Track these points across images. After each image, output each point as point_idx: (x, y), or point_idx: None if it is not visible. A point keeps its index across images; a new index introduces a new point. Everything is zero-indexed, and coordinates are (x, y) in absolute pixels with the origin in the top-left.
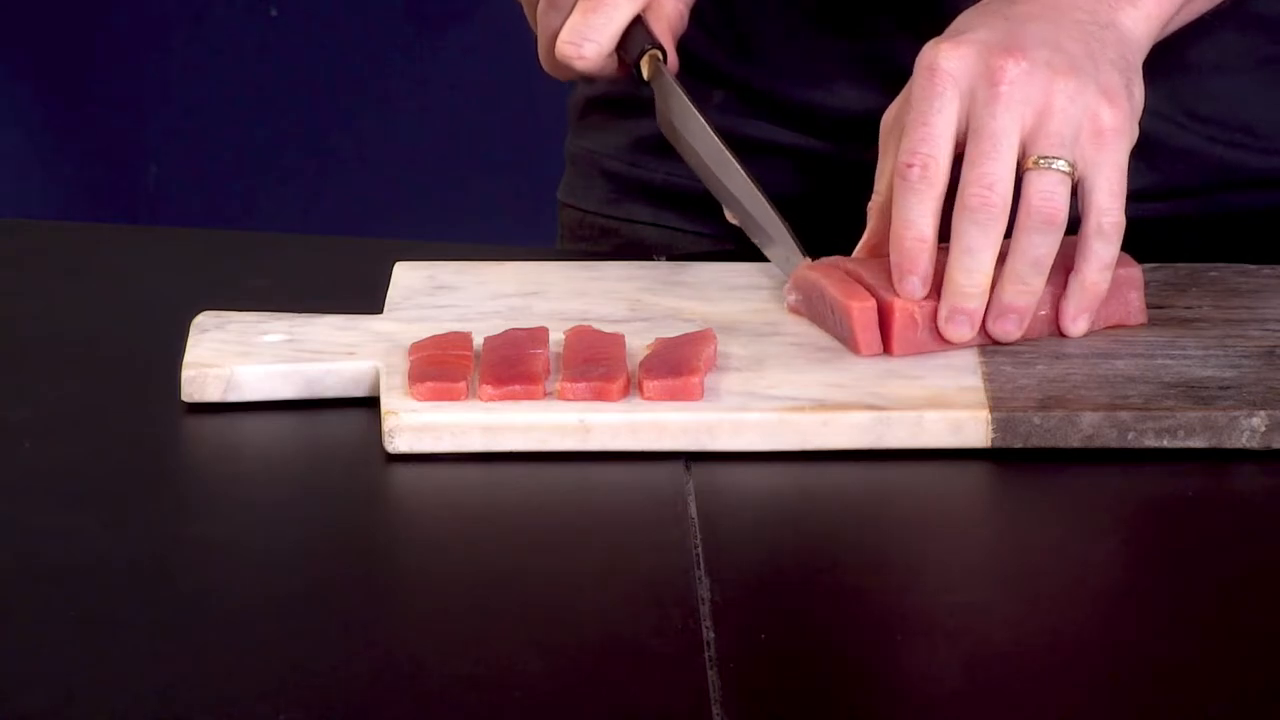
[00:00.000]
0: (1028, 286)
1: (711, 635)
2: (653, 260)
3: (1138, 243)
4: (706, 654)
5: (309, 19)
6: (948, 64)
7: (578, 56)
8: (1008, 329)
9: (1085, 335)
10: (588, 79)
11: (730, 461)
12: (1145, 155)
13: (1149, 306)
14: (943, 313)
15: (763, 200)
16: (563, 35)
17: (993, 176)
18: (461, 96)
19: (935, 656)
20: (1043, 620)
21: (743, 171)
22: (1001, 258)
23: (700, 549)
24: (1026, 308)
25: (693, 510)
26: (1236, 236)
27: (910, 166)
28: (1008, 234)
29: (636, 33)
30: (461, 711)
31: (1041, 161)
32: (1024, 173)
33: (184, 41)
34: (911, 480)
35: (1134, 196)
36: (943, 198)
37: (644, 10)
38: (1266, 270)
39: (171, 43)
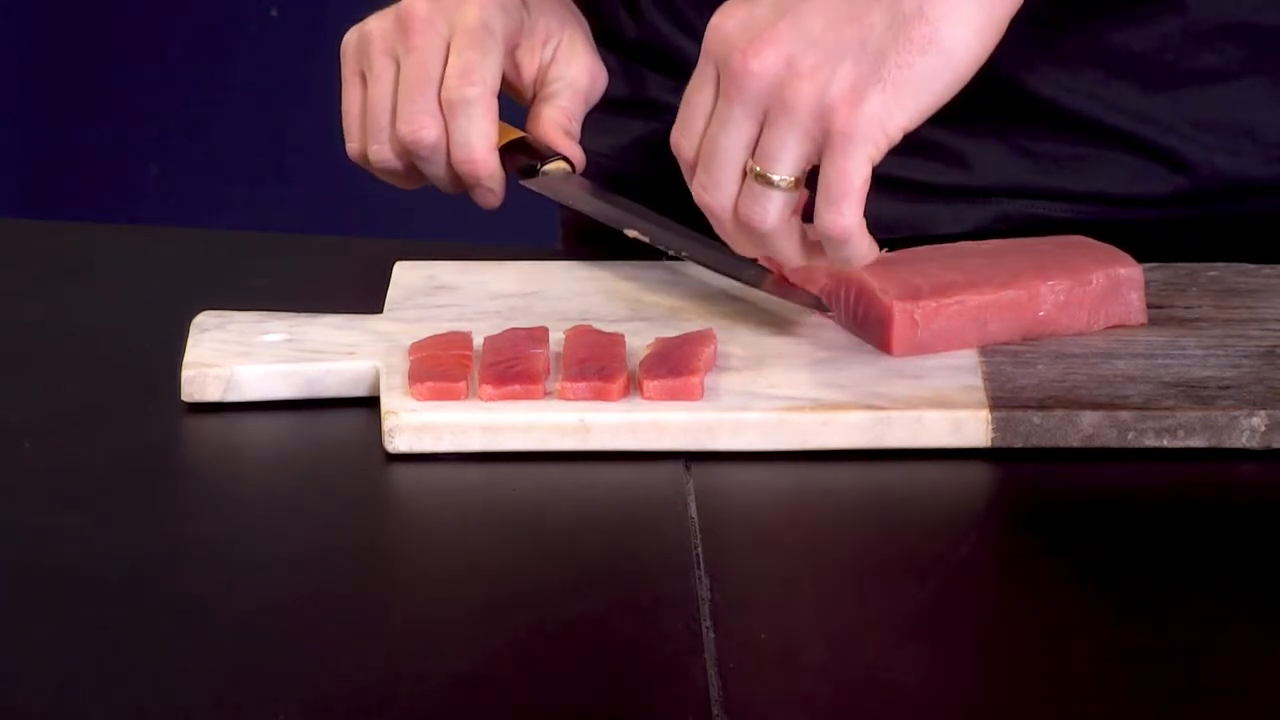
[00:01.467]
0: (787, 260)
1: (711, 635)
2: (653, 260)
3: (1138, 243)
4: (706, 654)
5: (309, 19)
6: (711, 35)
7: (466, 159)
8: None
9: (1085, 335)
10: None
11: (730, 461)
12: (1148, 164)
13: (1149, 306)
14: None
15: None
16: (449, 74)
17: (710, 182)
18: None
19: (935, 656)
20: (1042, 620)
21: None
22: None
23: (700, 549)
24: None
25: (693, 510)
26: (1236, 237)
27: (677, 145)
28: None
29: (524, 144)
30: (461, 711)
31: (757, 173)
32: (745, 173)
33: (184, 41)
34: (911, 480)
35: (1135, 202)
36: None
37: (531, 120)
38: (1266, 270)
39: (171, 42)
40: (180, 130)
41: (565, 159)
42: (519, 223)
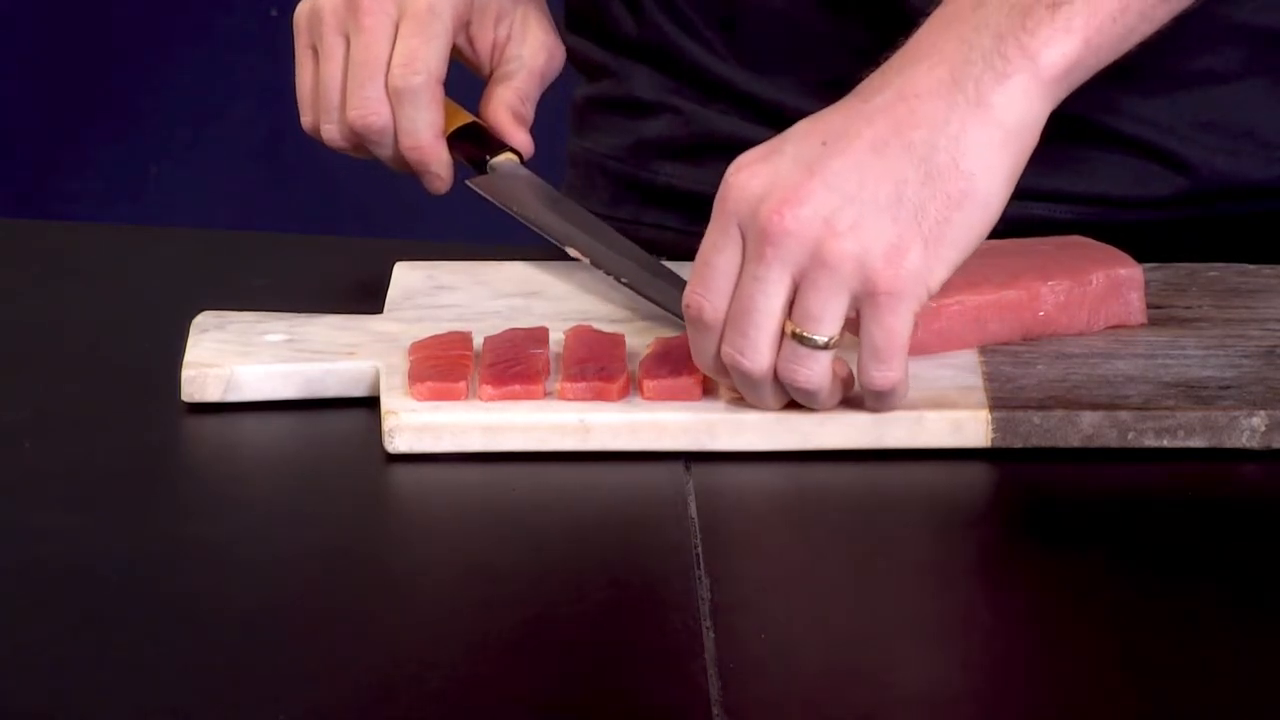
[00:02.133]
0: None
1: (711, 635)
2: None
3: (1138, 243)
4: (706, 654)
5: None
6: (731, 195)
7: (413, 146)
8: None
9: (1085, 335)
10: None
11: (730, 461)
12: (1149, 165)
13: (1149, 306)
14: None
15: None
16: (395, 61)
17: (746, 345)
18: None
19: (935, 656)
20: (1042, 621)
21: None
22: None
23: (700, 549)
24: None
25: (693, 510)
26: (1236, 237)
27: (693, 308)
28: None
29: (475, 131)
30: (461, 711)
31: (797, 335)
32: (784, 334)
33: (184, 41)
34: (911, 480)
35: (1136, 204)
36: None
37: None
38: (1266, 270)
39: (172, 42)
40: (180, 130)
41: (515, 151)
42: (519, 222)
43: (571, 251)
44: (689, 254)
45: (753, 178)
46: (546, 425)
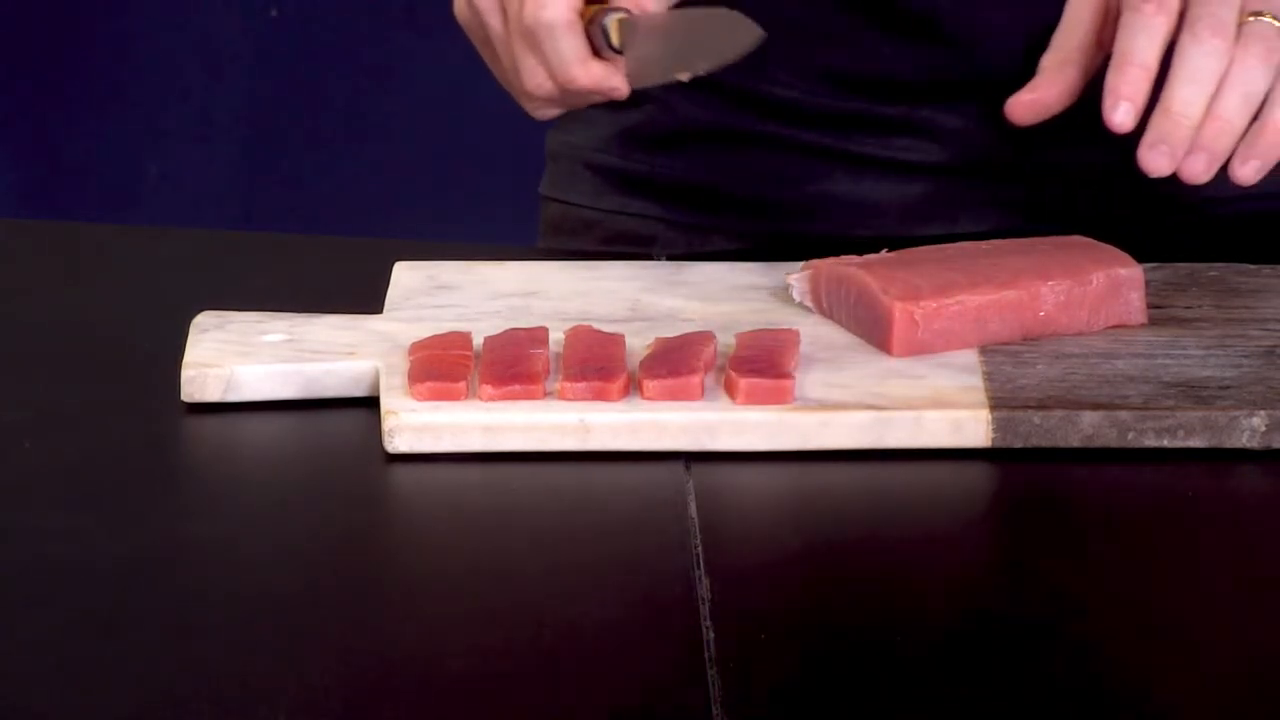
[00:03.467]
0: (1231, 124)
1: (711, 635)
2: (653, 260)
3: (1138, 243)
4: (706, 654)
5: (309, 19)
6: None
7: (537, 15)
8: (1198, 169)
9: (1085, 335)
10: (566, 103)
11: (730, 461)
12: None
13: (1149, 306)
14: (1148, 139)
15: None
16: (526, 10)
17: (1224, 20)
18: (462, 96)
19: (935, 656)
20: (1042, 621)
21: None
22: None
23: (700, 549)
24: (1224, 150)
25: (693, 510)
26: (1236, 237)
27: (1147, 1)
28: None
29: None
30: (461, 711)
31: (1256, 18)
32: (1243, 24)
33: (184, 41)
34: (911, 480)
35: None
36: (1170, 35)
37: None
38: (1266, 270)
39: (172, 42)
40: (180, 130)
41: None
42: (519, 223)
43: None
44: (673, 244)
45: None
46: (546, 425)
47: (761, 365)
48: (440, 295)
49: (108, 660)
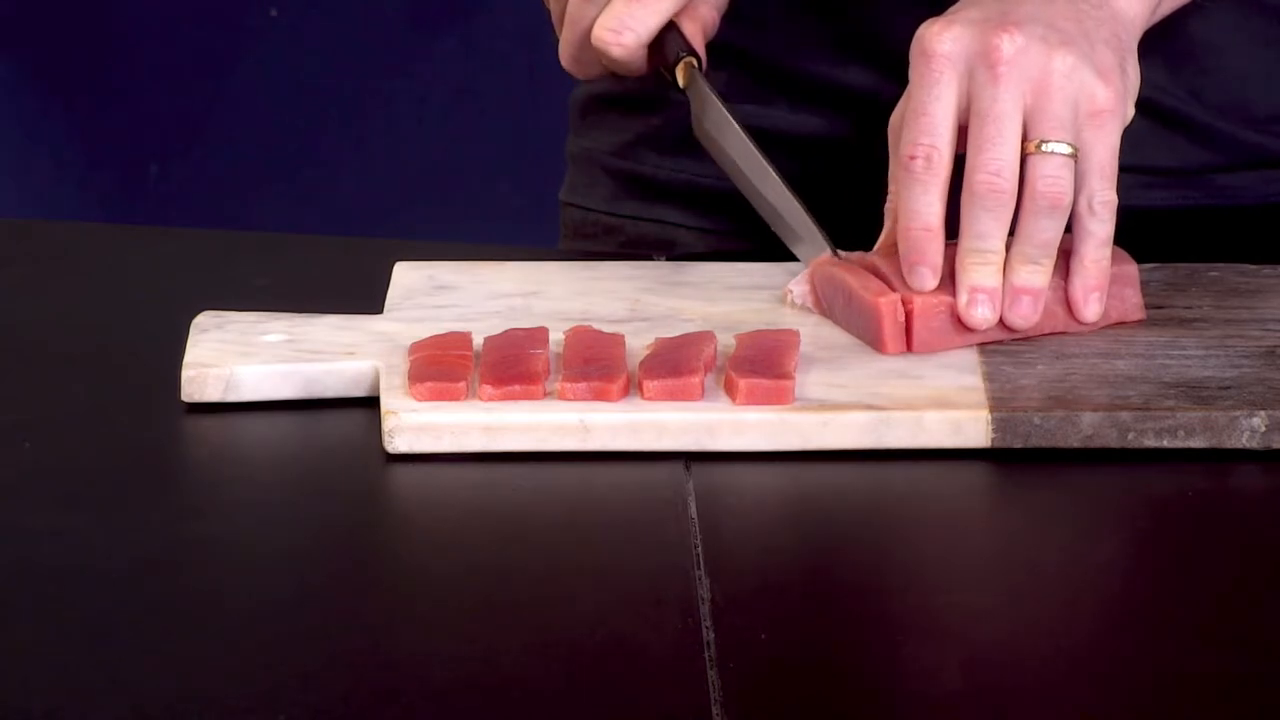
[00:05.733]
0: (1039, 267)
1: (711, 635)
2: (653, 260)
3: (1137, 239)
4: (706, 654)
5: (309, 19)
6: (942, 46)
7: (616, 43)
8: (1023, 312)
9: (1086, 335)
10: (613, 75)
11: (730, 461)
12: (1150, 131)
13: (1149, 306)
14: (961, 298)
15: (793, 199)
16: (602, 21)
17: (999, 162)
18: (462, 96)
19: (935, 657)
20: (1042, 621)
21: (774, 172)
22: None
23: (700, 549)
24: (1040, 289)
25: (693, 510)
26: (1236, 237)
27: (913, 158)
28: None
29: (670, 37)
30: (461, 712)
31: (1044, 146)
32: (1027, 156)
33: (184, 41)
34: (911, 480)
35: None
36: (947, 186)
37: (679, 13)
38: (1266, 270)
39: (172, 43)
40: (180, 130)
41: (695, 55)
42: (519, 223)
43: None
44: (689, 248)
45: (951, 26)
46: (546, 425)
47: (761, 365)
48: (440, 295)
49: (107, 661)
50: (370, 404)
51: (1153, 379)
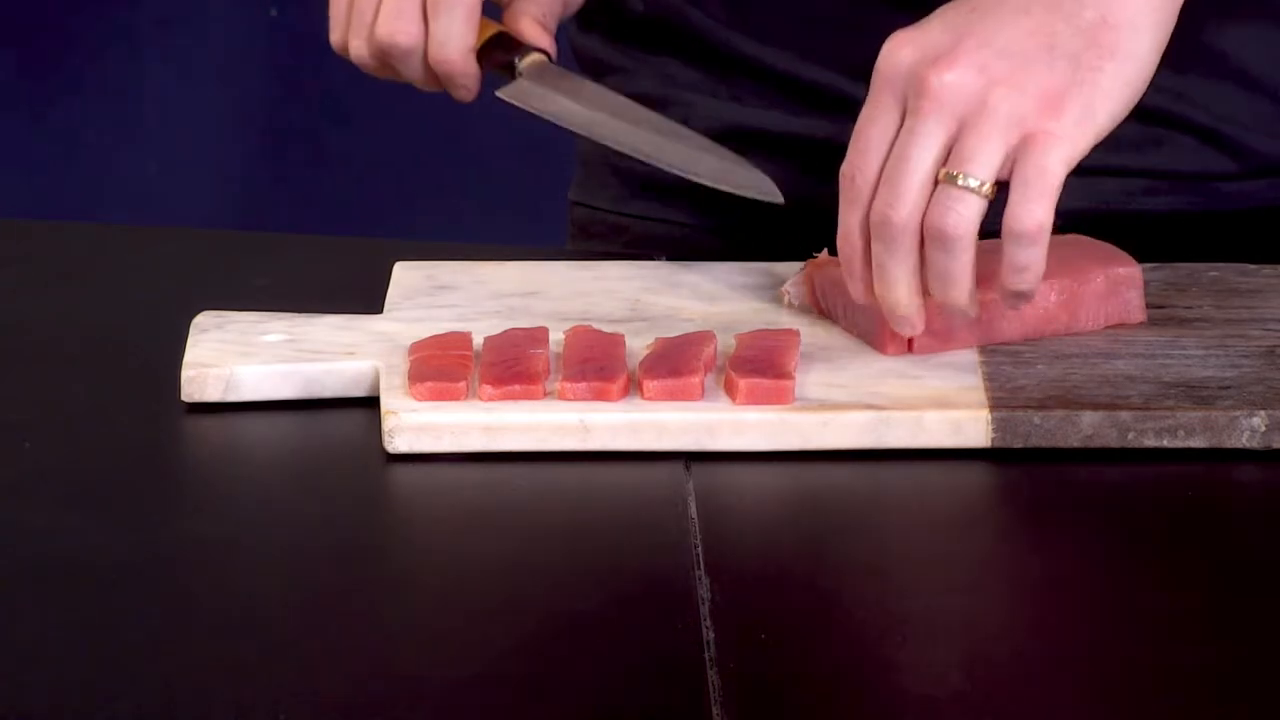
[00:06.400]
0: (955, 292)
1: (711, 635)
2: (653, 260)
3: (1138, 243)
4: (706, 654)
5: (309, 19)
6: (886, 67)
7: (443, 60)
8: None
9: (1086, 335)
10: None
11: (730, 461)
12: (1158, 137)
13: (1149, 306)
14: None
15: (702, 138)
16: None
17: (894, 195)
18: None
19: (935, 656)
20: (1042, 621)
21: (666, 120)
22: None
23: (700, 549)
24: (963, 310)
25: (693, 510)
26: (1236, 237)
27: (844, 175)
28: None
29: (502, 38)
30: (461, 711)
31: (950, 176)
32: (937, 185)
33: (184, 41)
34: (911, 480)
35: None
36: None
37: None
38: (1266, 270)
39: (172, 42)
40: (180, 130)
41: (542, 51)
42: (521, 223)
43: (615, 145)
44: (698, 250)
45: (905, 45)
46: (546, 425)
47: (761, 365)
48: (440, 295)
49: (107, 661)
50: (370, 404)
51: (1153, 379)
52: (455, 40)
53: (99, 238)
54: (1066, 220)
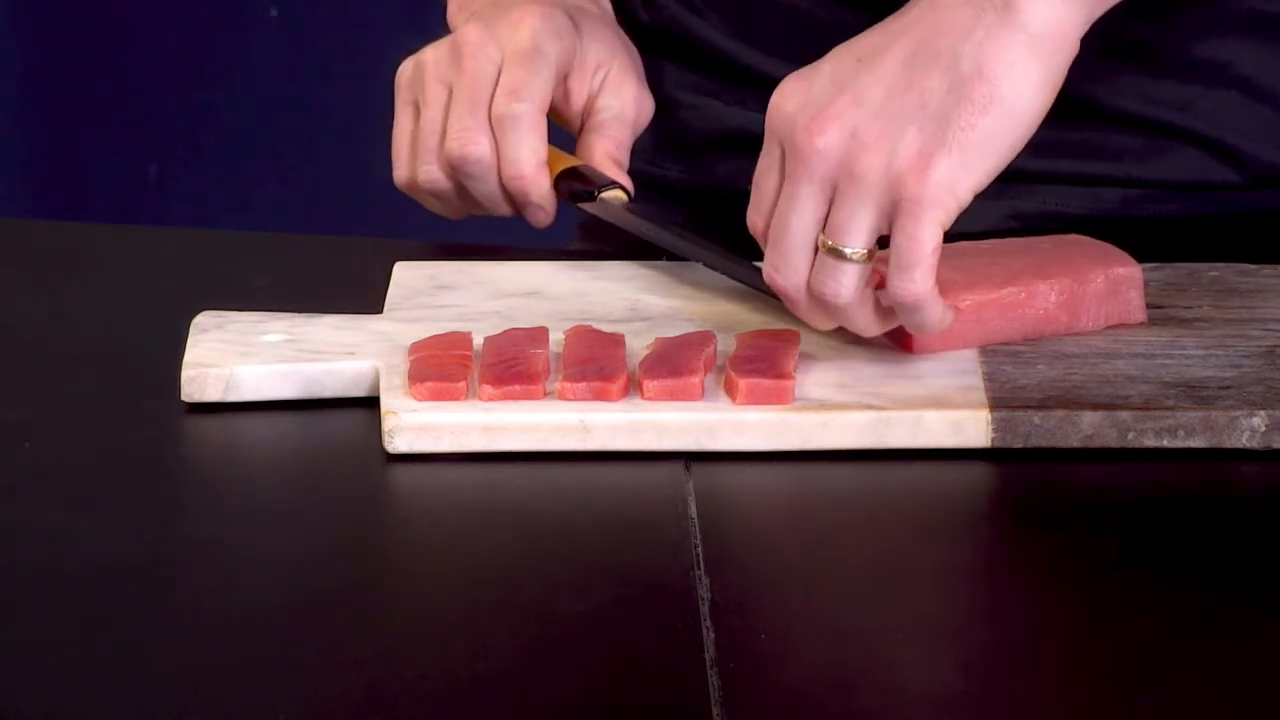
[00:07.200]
0: (879, 330)
1: (711, 635)
2: (652, 260)
3: (1138, 243)
4: (706, 654)
5: (309, 19)
6: (773, 118)
7: (516, 175)
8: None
9: (1086, 335)
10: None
11: (730, 461)
12: (1162, 148)
13: (1149, 306)
14: None
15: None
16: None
17: (781, 261)
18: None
19: (934, 657)
20: (1042, 621)
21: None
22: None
23: (700, 549)
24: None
25: (693, 510)
26: (1236, 237)
27: (753, 225)
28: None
29: (578, 173)
30: (461, 711)
31: (828, 247)
32: (816, 248)
33: (184, 41)
34: (911, 480)
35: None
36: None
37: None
38: (1266, 270)
39: (172, 42)
40: (180, 130)
41: (621, 187)
42: (521, 223)
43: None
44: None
45: (789, 98)
46: (546, 425)
47: (761, 365)
48: (440, 295)
49: (106, 661)
50: (370, 404)
51: (1153, 379)
52: (526, 153)
53: (99, 238)
54: (1066, 224)
